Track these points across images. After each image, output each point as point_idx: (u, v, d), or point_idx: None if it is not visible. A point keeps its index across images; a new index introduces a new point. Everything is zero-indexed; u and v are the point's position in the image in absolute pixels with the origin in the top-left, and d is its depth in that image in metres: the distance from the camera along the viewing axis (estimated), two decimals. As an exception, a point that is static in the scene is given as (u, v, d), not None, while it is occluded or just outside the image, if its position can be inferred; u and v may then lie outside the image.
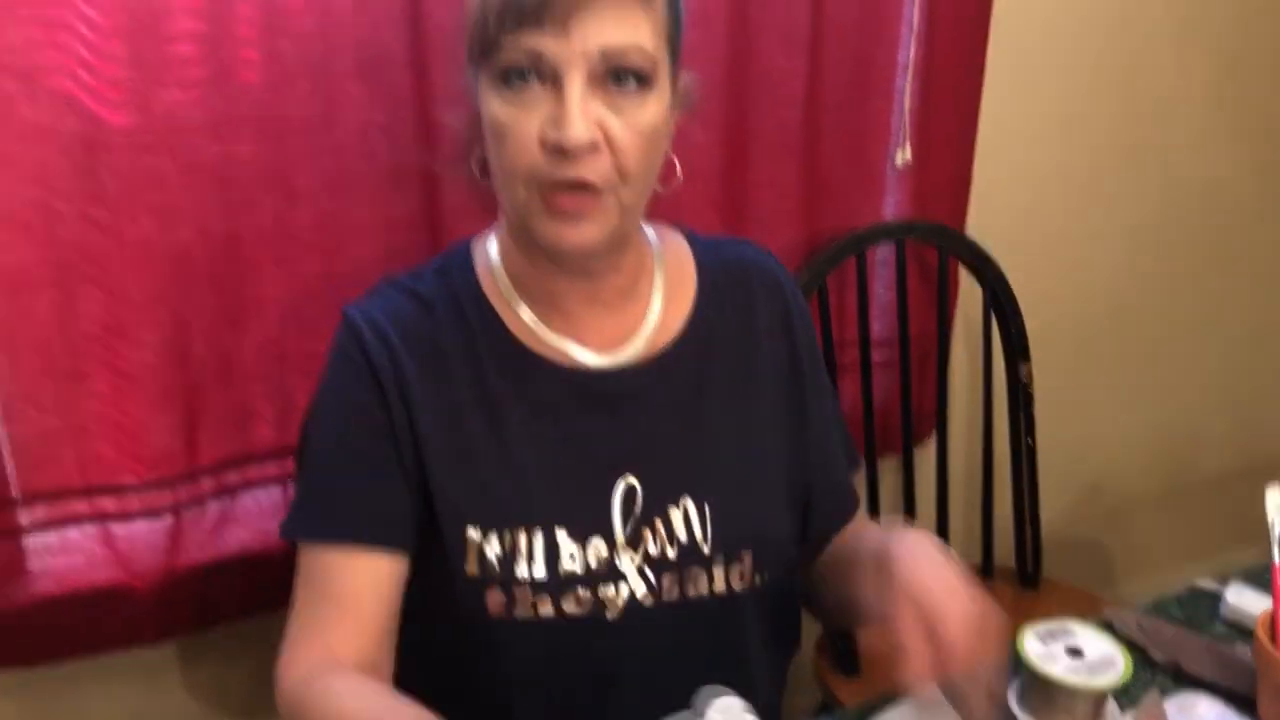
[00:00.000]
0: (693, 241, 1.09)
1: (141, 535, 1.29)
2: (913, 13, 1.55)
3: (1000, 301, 1.72)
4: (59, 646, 1.29)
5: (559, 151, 0.85)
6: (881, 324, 1.73)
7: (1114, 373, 2.09)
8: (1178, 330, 2.13)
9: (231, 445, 1.32)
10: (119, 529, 1.28)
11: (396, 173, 1.28)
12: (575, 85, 0.84)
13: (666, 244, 1.07)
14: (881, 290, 1.72)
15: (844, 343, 1.68)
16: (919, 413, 1.75)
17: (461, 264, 1.02)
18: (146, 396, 1.24)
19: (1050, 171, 1.85)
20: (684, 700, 0.95)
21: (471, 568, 0.93)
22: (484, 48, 0.86)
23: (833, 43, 1.50)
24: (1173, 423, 2.22)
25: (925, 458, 1.80)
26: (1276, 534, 0.94)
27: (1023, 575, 1.80)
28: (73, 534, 1.27)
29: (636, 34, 0.85)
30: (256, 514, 1.36)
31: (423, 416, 0.96)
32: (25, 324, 1.17)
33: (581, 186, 0.86)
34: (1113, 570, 2.26)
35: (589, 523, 0.96)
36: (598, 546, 0.95)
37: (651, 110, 0.88)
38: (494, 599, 0.93)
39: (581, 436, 0.98)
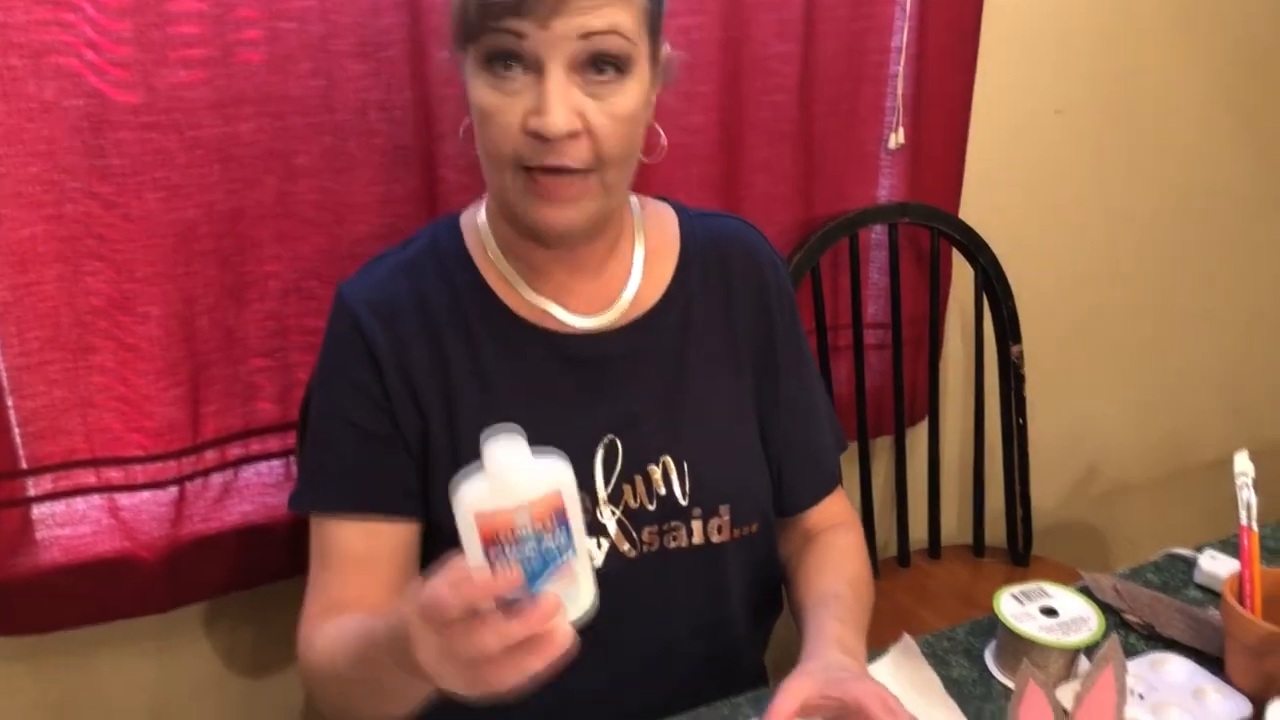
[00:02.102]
0: (680, 212, 1.11)
1: (146, 506, 1.31)
2: (906, -3, 1.56)
3: (992, 284, 1.73)
4: (70, 614, 1.31)
5: (540, 138, 0.87)
6: (875, 306, 1.74)
7: (1108, 357, 2.09)
8: (1172, 315, 2.13)
9: (234, 419, 1.34)
10: (124, 500, 1.30)
11: (396, 151, 1.29)
12: (556, 75, 0.86)
13: (649, 211, 1.10)
14: (875, 273, 1.74)
15: (837, 325, 1.69)
16: (912, 394, 1.77)
17: (450, 234, 1.05)
18: (151, 370, 1.26)
19: (1043, 154, 1.85)
20: (666, 647, 0.96)
21: None
22: (467, 33, 0.89)
23: (826, 27, 1.51)
24: (1168, 407, 2.23)
25: (918, 439, 1.82)
26: (1243, 498, 0.96)
27: (1014, 555, 1.81)
28: (79, 504, 1.29)
29: (616, 20, 0.87)
30: (259, 487, 1.38)
31: (420, 387, 0.99)
32: (33, 298, 1.19)
33: (563, 170, 0.89)
34: (1107, 554, 2.27)
35: None
36: (582, 500, 0.98)
37: (630, 95, 0.91)
38: None
39: (565, 397, 1.01)
